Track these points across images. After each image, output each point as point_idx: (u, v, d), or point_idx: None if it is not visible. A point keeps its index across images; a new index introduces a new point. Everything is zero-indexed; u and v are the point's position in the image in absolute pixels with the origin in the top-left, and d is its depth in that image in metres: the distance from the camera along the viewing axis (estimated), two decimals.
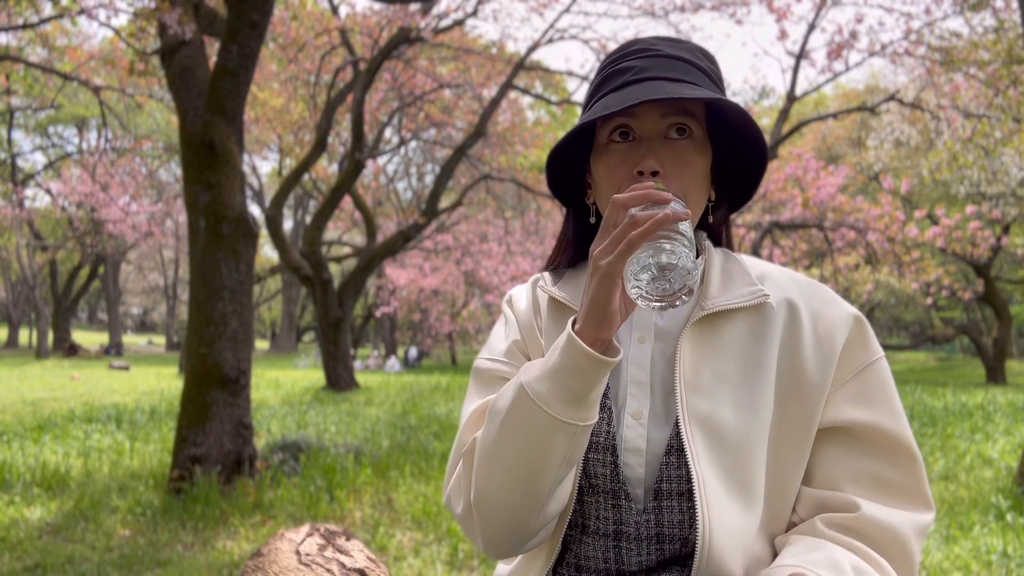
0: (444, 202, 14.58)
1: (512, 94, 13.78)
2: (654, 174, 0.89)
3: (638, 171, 0.90)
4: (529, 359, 1.02)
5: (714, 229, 1.05)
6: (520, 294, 1.09)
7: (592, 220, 1.02)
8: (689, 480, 0.88)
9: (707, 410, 0.89)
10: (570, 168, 1.03)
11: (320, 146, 10.73)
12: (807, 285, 0.97)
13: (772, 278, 0.98)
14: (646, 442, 0.91)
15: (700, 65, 0.93)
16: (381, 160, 22.00)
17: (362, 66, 10.68)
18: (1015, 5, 7.69)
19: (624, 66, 0.93)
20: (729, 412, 0.89)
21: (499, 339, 1.05)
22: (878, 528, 0.85)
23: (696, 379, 0.90)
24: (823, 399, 0.90)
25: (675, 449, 0.89)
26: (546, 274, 1.08)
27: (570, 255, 1.07)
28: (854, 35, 9.34)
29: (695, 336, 0.93)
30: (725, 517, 0.85)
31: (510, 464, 0.85)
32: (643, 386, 0.93)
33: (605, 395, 0.94)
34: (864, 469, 0.89)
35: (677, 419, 0.90)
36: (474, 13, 10.49)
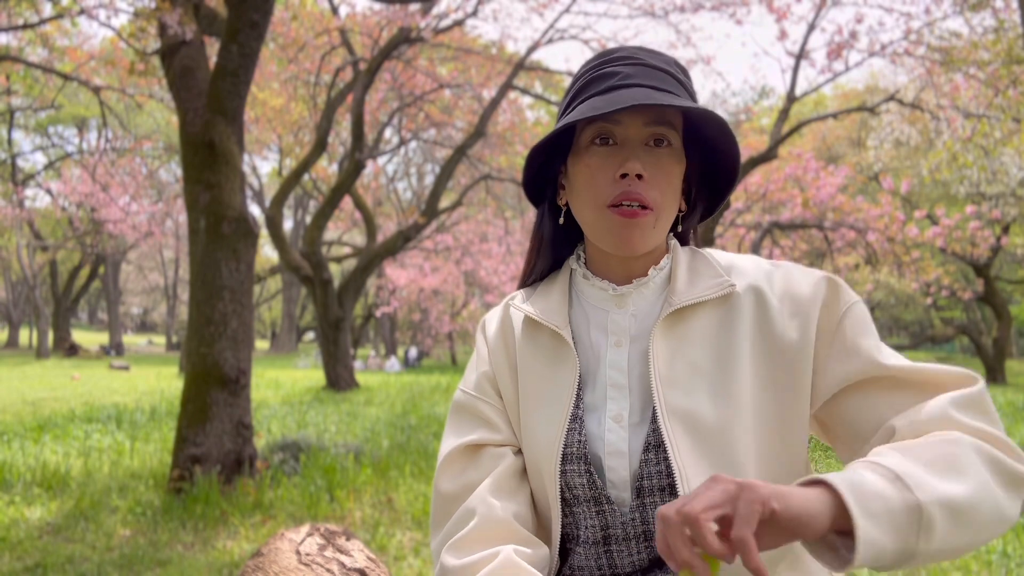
0: (444, 202, 14.58)
1: (512, 94, 13.78)
2: (638, 177, 0.91)
3: (621, 174, 0.91)
4: (498, 390, 1.04)
5: (683, 237, 1.06)
6: (492, 317, 1.11)
7: (562, 221, 1.04)
8: (670, 475, 0.89)
9: (684, 403, 0.89)
10: (545, 168, 1.04)
11: (320, 146, 10.73)
12: (772, 269, 0.98)
13: (738, 268, 0.99)
14: (628, 444, 0.92)
15: (679, 78, 0.95)
16: (381, 160, 22.02)
17: (362, 66, 10.68)
18: (1015, 5, 7.69)
19: (609, 71, 0.94)
20: (706, 403, 0.89)
21: (471, 370, 1.08)
22: (911, 427, 0.82)
23: (671, 373, 0.91)
24: (808, 363, 0.89)
25: (652, 446, 0.90)
26: (519, 292, 1.10)
27: (545, 262, 1.08)
28: (854, 35, 9.33)
29: (666, 331, 0.94)
30: None
31: None
32: (621, 388, 0.94)
33: (576, 404, 0.96)
34: (885, 414, 0.86)
35: (654, 415, 0.91)
36: (474, 13, 10.49)
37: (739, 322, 0.93)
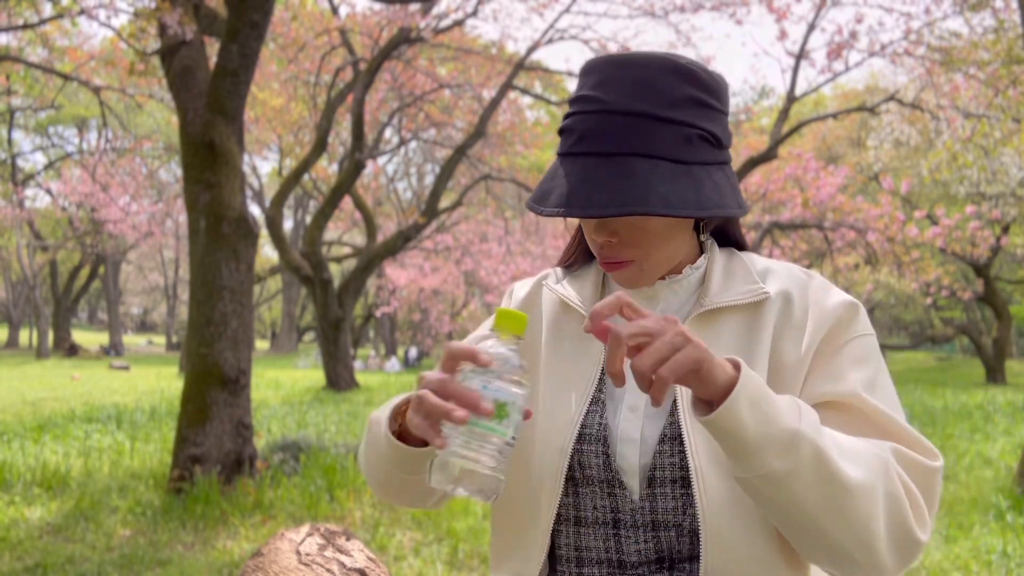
0: (444, 202, 14.58)
1: (512, 94, 13.78)
2: (610, 240, 0.91)
3: (594, 238, 0.93)
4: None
5: (725, 234, 1.05)
6: (522, 288, 1.10)
7: None
8: (683, 468, 0.89)
9: None
10: None
11: (320, 146, 10.73)
12: (807, 279, 0.98)
13: (773, 273, 0.99)
14: (640, 432, 0.92)
15: (655, 114, 0.86)
16: (381, 160, 22.01)
17: (362, 66, 10.68)
18: (1015, 5, 7.68)
19: (569, 124, 0.90)
20: None
21: (484, 327, 1.07)
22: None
23: None
24: (799, 381, 0.90)
25: (668, 438, 0.90)
26: (557, 270, 1.09)
27: (584, 257, 1.07)
28: (854, 35, 9.33)
29: (694, 330, 0.93)
30: (724, 504, 0.86)
31: (372, 464, 0.97)
32: None
33: (599, 388, 0.96)
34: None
35: (673, 408, 0.92)
36: (474, 13, 10.50)
37: (765, 329, 0.94)
